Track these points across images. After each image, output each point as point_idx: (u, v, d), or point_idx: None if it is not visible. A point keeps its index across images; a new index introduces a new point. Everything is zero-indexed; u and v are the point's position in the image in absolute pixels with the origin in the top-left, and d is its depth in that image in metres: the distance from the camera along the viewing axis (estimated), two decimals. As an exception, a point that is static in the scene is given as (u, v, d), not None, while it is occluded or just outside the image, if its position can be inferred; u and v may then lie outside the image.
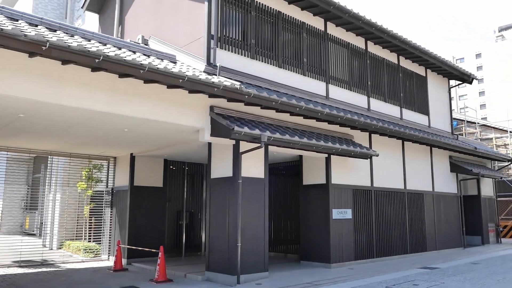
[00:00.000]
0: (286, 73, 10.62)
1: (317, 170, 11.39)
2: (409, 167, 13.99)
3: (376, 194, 12.50)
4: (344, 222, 11.24)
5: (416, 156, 14.40)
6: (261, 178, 9.49)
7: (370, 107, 12.92)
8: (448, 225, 15.44)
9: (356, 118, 10.72)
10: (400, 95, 14.23)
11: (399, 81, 14.30)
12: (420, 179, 14.43)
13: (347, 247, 11.22)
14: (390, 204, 13.00)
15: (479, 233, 17.56)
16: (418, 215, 14.08)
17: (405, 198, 13.58)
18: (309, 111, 9.70)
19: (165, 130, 8.94)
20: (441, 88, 16.63)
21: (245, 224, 9.00)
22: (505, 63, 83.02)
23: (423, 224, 14.21)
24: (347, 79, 12.30)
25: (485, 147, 18.67)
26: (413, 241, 13.66)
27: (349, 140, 11.54)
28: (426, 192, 14.57)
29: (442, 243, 14.98)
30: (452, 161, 16.07)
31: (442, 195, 15.41)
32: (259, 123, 9.32)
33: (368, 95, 12.90)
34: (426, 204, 14.46)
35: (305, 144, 9.38)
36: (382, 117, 13.05)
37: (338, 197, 11.21)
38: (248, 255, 8.95)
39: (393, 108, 13.89)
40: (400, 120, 14.06)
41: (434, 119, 15.87)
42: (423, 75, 15.63)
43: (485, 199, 18.06)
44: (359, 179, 11.96)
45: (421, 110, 15.24)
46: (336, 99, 11.81)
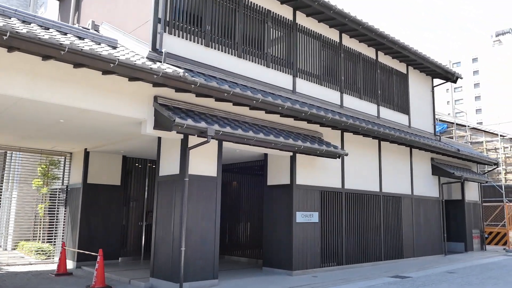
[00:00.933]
0: (246, 64, 9.82)
1: (281, 170, 10.59)
2: (386, 169, 13.20)
3: (347, 197, 11.70)
4: (309, 226, 10.43)
5: (394, 157, 13.61)
6: (212, 176, 8.68)
7: (343, 104, 12.13)
8: (428, 231, 14.65)
9: (322, 114, 9.93)
10: (377, 92, 13.45)
11: (377, 78, 13.53)
12: (398, 182, 13.64)
13: (312, 253, 10.40)
14: (363, 208, 12.20)
15: (463, 240, 16.77)
16: (394, 219, 13.28)
17: (381, 202, 12.78)
18: (268, 105, 8.90)
19: (104, 122, 8.13)
20: (424, 86, 15.86)
21: (191, 226, 8.19)
22: (502, 67, 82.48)
23: (400, 230, 13.41)
24: (318, 73, 11.51)
25: (470, 150, 17.93)
26: (388, 248, 12.85)
27: (317, 138, 10.74)
28: (404, 196, 13.77)
29: (421, 250, 14.18)
30: (434, 164, 15.29)
31: (422, 199, 14.62)
32: (211, 116, 8.52)
33: (341, 91, 12.11)
34: (404, 208, 13.66)
35: (261, 140, 8.58)
36: (357, 115, 12.26)
37: (303, 199, 10.40)
38: (195, 260, 8.15)
39: (369, 106, 13.10)
40: (377, 118, 13.27)
41: (415, 119, 15.09)
42: (404, 72, 14.86)
43: (470, 204, 17.27)
44: (328, 180, 11.16)
45: (401, 109, 14.47)
46: (305, 93, 11.02)
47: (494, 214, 19.58)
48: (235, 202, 13.47)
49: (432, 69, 15.21)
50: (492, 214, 20.38)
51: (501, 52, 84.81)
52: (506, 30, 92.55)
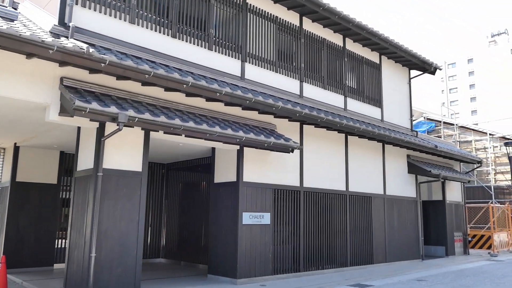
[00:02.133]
0: (184, 45, 8.71)
1: (228, 166, 9.48)
2: (354, 166, 12.08)
3: (306, 196, 10.58)
4: (258, 229, 9.30)
5: (363, 153, 12.50)
6: (136, 171, 7.56)
7: (303, 94, 11.02)
8: (403, 234, 13.52)
9: (271, 102, 8.81)
10: (344, 82, 12.34)
11: (345, 67, 12.42)
12: (368, 180, 12.52)
13: (262, 259, 9.27)
14: (326, 208, 11.08)
15: (443, 243, 15.63)
16: (363, 221, 12.15)
17: (347, 202, 11.65)
18: (202, 90, 7.79)
19: (2, 107, 7.02)
20: (400, 78, 14.76)
21: (107, 229, 7.06)
22: (498, 68, 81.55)
23: (370, 232, 12.28)
24: (273, 59, 10.40)
25: (451, 147, 16.82)
26: (356, 252, 11.71)
27: (268, 130, 9.63)
28: (375, 195, 12.65)
29: (395, 254, 13.04)
30: (410, 161, 14.18)
31: (397, 199, 13.50)
32: (134, 102, 7.41)
33: (300, 79, 11.00)
34: (374, 209, 12.54)
35: (191, 129, 7.45)
36: (319, 106, 11.15)
37: (252, 198, 9.28)
38: (110, 268, 7.02)
39: (335, 97, 11.99)
40: (344, 111, 12.16)
41: (390, 112, 13.99)
42: (377, 62, 13.77)
43: (451, 205, 16.15)
44: (284, 177, 10.04)
45: (372, 102, 13.36)
46: (255, 80, 9.91)
47: (478, 215, 18.44)
48: (186, 202, 12.34)
49: (407, 59, 14.12)
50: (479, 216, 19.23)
51: (497, 52, 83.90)
52: (502, 31, 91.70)
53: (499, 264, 13.51)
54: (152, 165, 12.83)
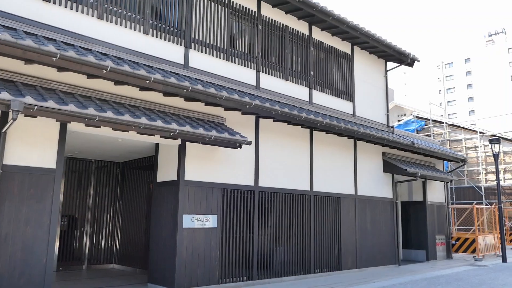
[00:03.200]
0: (111, 28, 7.79)
1: (170, 163, 8.55)
2: (320, 164, 11.15)
3: (262, 196, 9.64)
4: (203, 232, 8.37)
5: (332, 150, 11.57)
6: (48, 168, 6.63)
7: (260, 84, 10.09)
8: (377, 237, 12.57)
9: (213, 92, 7.88)
10: (310, 73, 11.41)
11: (309, 57, 11.50)
12: (337, 180, 11.58)
13: (206, 266, 8.33)
14: (286, 210, 10.14)
15: (424, 247, 14.68)
16: (330, 224, 11.21)
17: (311, 203, 10.71)
18: (127, 76, 6.86)
19: None
20: (375, 70, 13.83)
21: (6, 235, 6.13)
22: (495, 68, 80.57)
23: (338, 236, 11.34)
24: (223, 46, 9.48)
25: (433, 145, 15.86)
26: (320, 258, 10.77)
27: (214, 123, 8.70)
28: (344, 196, 11.70)
29: (367, 260, 12.08)
30: (385, 159, 13.23)
31: (370, 199, 12.55)
32: (44, 89, 6.50)
33: (257, 69, 10.07)
34: (343, 210, 11.59)
35: (109, 120, 6.51)
36: (278, 98, 10.23)
37: (195, 198, 8.35)
38: (10, 278, 6.08)
39: (298, 89, 11.06)
40: (309, 104, 11.23)
41: (362, 107, 13.05)
42: (348, 53, 12.84)
43: (433, 206, 15.19)
44: (235, 176, 9.10)
45: (342, 95, 12.42)
46: (202, 69, 8.98)
47: (462, 217, 17.49)
48: (140, 203, 11.40)
49: (382, 50, 13.18)
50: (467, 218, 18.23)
51: (494, 52, 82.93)
52: (499, 30, 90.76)
53: (481, 270, 12.55)
54: (106, 164, 11.93)
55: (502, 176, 24.89)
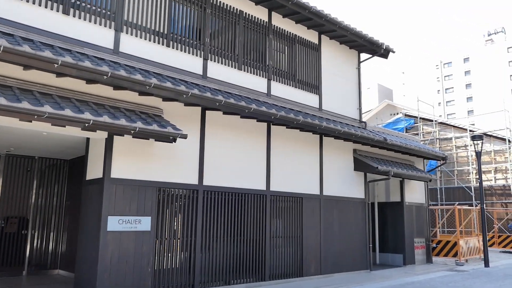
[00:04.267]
0: (24, 8, 6.94)
1: (98, 159, 7.69)
2: (279, 161, 10.26)
3: (208, 196, 8.77)
4: (133, 236, 7.50)
5: (294, 147, 10.69)
6: None
7: (208, 73, 9.22)
8: (346, 240, 11.67)
9: (139, 78, 7.01)
10: (268, 63, 10.54)
11: (268, 45, 10.63)
12: (299, 178, 10.70)
13: (137, 274, 7.46)
14: (236, 211, 9.27)
15: (401, 251, 13.76)
16: (290, 226, 10.33)
17: (267, 203, 9.83)
18: (30, 59, 6.00)
19: None
20: (346, 62, 12.94)
21: None
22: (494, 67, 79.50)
23: (299, 239, 10.45)
24: (163, 31, 8.62)
25: (413, 142, 14.90)
26: (278, 263, 9.89)
27: (149, 115, 7.83)
28: (307, 196, 10.81)
29: (334, 265, 11.19)
30: (356, 157, 12.34)
31: (339, 200, 11.65)
32: None
33: (204, 57, 9.20)
34: (306, 211, 10.70)
35: (7, 109, 5.66)
36: (230, 89, 9.36)
37: (124, 198, 7.48)
38: None
39: (254, 79, 10.19)
40: (267, 96, 10.36)
41: (330, 100, 12.16)
42: (315, 43, 11.95)
43: (411, 207, 14.28)
44: (174, 173, 8.23)
45: (307, 87, 11.53)
46: (136, 55, 8.12)
47: (444, 219, 16.57)
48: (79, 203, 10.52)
49: (352, 39, 12.29)
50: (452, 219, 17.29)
51: (494, 51, 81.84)
52: (499, 29, 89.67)
53: (457, 276, 11.64)
54: (54, 161, 11.07)
55: (493, 176, 23.93)
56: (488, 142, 24.30)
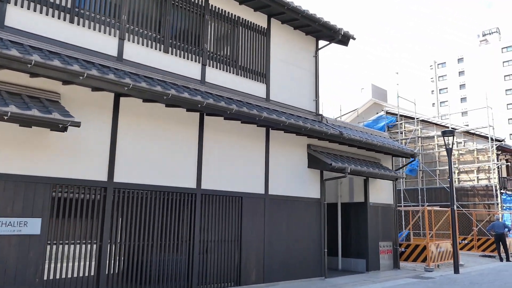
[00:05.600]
0: None
1: (-22, 150, 6.59)
2: (214, 156, 9.17)
3: (121, 195, 7.67)
4: (15, 241, 6.39)
5: (232, 140, 9.59)
6: None
7: (124, 56, 8.12)
8: (297, 244, 10.57)
9: (15, 55, 5.91)
10: (204, 47, 9.45)
11: (204, 27, 9.54)
12: (238, 175, 9.60)
13: (19, 285, 6.34)
14: (158, 211, 8.16)
15: (364, 256, 12.67)
16: (226, 228, 9.23)
17: (197, 203, 8.72)
18: None
19: None
20: (301, 49, 11.85)
21: None
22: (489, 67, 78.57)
23: (237, 243, 9.35)
24: (66, 4, 7.52)
25: (381, 138, 13.77)
26: (210, 270, 8.78)
27: (42, 99, 6.72)
28: (249, 195, 9.71)
29: (281, 272, 10.09)
30: (310, 153, 11.24)
31: (288, 199, 10.56)
32: None
33: (120, 36, 8.10)
34: (246, 212, 9.60)
35: None
36: (154, 73, 8.27)
37: (5, 197, 6.38)
38: None
39: (184, 64, 9.09)
40: (201, 83, 9.26)
41: (281, 90, 11.07)
42: (263, 27, 10.86)
43: (377, 208, 13.18)
44: (73, 168, 7.12)
45: (253, 75, 10.43)
46: (24, 30, 7.02)
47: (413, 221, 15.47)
48: None
49: (306, 24, 11.20)
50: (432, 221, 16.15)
51: (488, 51, 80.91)
52: (493, 30, 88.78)
53: (420, 284, 10.54)
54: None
55: (476, 176, 22.86)
56: (471, 141, 23.27)
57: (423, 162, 24.02)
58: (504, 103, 75.69)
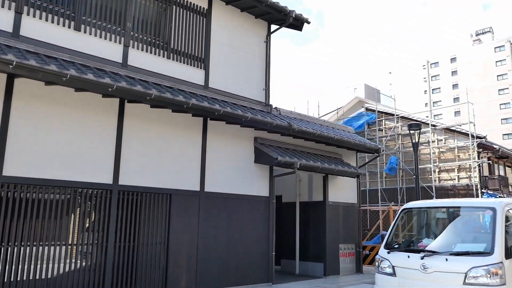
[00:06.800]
0: None
1: None
2: (136, 148, 8.17)
3: (14, 191, 6.66)
4: None
5: (160, 131, 8.60)
6: None
7: (22, 31, 7.10)
8: (240, 247, 9.58)
9: None
10: (126, 25, 8.45)
11: (127, 4, 8.53)
12: (167, 170, 8.59)
13: None
14: (63, 211, 7.16)
15: (322, 259, 11.68)
16: (151, 229, 8.23)
17: (113, 201, 7.71)
18: None
19: None
20: (249, 33, 10.86)
21: None
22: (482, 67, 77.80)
23: (164, 246, 8.34)
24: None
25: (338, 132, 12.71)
26: (128, 276, 7.78)
27: None
28: (179, 192, 8.71)
29: (219, 278, 9.09)
30: (257, 146, 10.26)
31: (230, 197, 9.56)
32: None
33: (18, 10, 7.09)
34: (176, 211, 8.59)
35: None
36: (60, 53, 7.27)
37: None
38: None
39: (102, 44, 8.08)
40: (122, 66, 8.25)
41: (223, 77, 10.07)
42: (203, 7, 9.86)
43: (337, 208, 12.19)
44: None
45: (188, 60, 9.42)
46: None
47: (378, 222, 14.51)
48: None
49: (252, 4, 10.20)
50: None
51: (481, 51, 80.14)
52: (487, 29, 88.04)
53: (374, 291, 9.54)
54: None
55: (456, 174, 21.90)
56: (452, 138, 22.32)
57: (403, 160, 23.05)
58: (497, 103, 74.90)
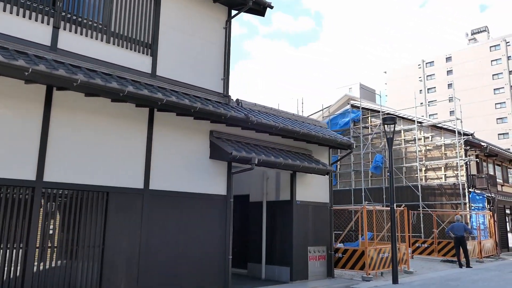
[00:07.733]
0: None
1: None
2: (66, 140, 7.33)
3: None
4: None
5: (98, 122, 7.77)
6: None
7: None
8: (191, 251, 8.74)
9: None
10: (56, 4, 7.62)
11: (58, -19, 7.72)
12: (104, 165, 7.75)
13: None
14: (-29, 210, 6.32)
15: (288, 263, 10.86)
16: (83, 231, 7.39)
17: (36, 200, 6.88)
18: None
19: None
20: (206, 18, 10.03)
21: None
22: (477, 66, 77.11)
23: (98, 250, 7.50)
24: None
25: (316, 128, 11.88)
26: (54, 283, 6.93)
27: None
28: (119, 190, 7.86)
29: (168, 284, 8.25)
30: (212, 140, 9.43)
31: (178, 196, 8.73)
32: None
33: None
34: (114, 211, 7.75)
35: None
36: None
37: None
38: None
39: (27, 25, 7.25)
40: (51, 50, 7.42)
41: (174, 65, 9.23)
42: (151, -12, 9.06)
43: (306, 208, 11.37)
44: None
45: (133, 45, 8.58)
46: None
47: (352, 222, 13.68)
48: None
49: (208, -13, 9.43)
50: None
51: (476, 50, 79.47)
52: (482, 28, 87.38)
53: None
54: None
55: (443, 173, 21.10)
56: (439, 136, 21.53)
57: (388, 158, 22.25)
58: (492, 103, 74.26)
